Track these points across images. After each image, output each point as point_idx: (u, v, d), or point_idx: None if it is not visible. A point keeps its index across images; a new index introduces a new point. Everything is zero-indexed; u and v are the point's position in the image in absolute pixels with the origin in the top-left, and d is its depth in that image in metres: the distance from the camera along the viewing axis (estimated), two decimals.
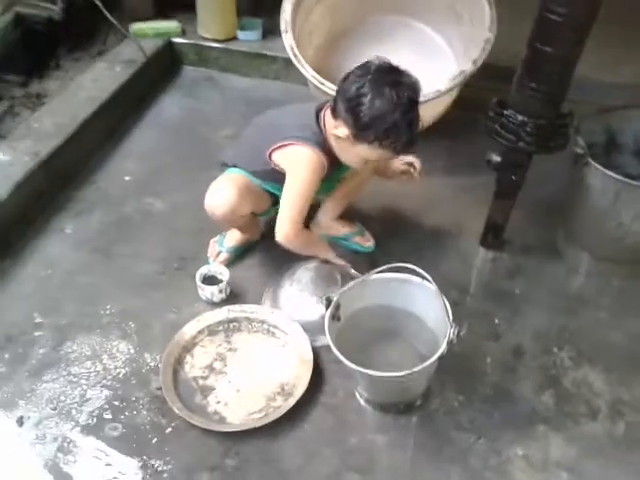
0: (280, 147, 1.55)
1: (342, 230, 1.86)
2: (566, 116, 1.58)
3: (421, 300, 1.45)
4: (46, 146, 1.99)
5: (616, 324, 1.68)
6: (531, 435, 1.42)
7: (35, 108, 2.36)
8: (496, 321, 1.69)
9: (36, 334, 1.60)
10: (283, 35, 2.21)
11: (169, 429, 1.41)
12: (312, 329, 1.57)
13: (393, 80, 1.40)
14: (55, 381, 1.50)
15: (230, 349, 1.59)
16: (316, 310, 1.57)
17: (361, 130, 1.41)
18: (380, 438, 1.41)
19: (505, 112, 1.59)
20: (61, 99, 2.26)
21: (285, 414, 1.42)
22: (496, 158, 1.70)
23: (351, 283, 1.45)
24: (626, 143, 1.87)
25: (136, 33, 2.66)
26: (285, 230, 1.51)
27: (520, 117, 1.56)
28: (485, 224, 1.87)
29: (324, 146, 1.54)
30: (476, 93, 2.15)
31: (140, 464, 1.35)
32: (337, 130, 1.46)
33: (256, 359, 1.57)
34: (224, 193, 1.60)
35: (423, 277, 1.40)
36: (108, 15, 2.58)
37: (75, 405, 1.45)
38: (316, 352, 1.55)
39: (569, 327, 1.67)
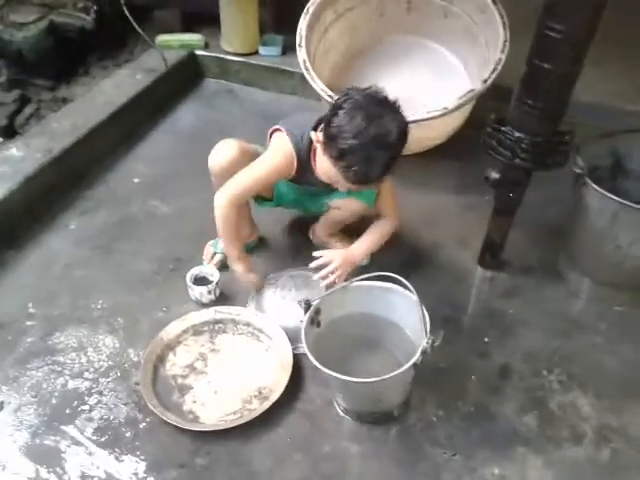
0: (275, 130, 1.63)
1: (336, 246, 1.85)
2: (565, 134, 1.55)
3: (402, 309, 1.43)
4: (59, 144, 2.06)
5: (611, 349, 1.62)
6: (509, 456, 1.38)
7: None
8: (486, 339, 1.65)
9: (27, 323, 1.64)
10: (297, 49, 2.25)
11: (143, 424, 1.42)
12: (294, 336, 1.56)
13: (374, 112, 1.37)
14: (39, 369, 1.53)
15: (213, 350, 1.60)
16: (298, 317, 1.57)
17: (327, 139, 1.42)
18: (354, 447, 1.39)
19: (502, 128, 1.57)
20: (81, 102, 2.34)
21: (260, 418, 1.41)
22: (495, 175, 1.68)
23: (332, 289, 1.44)
24: (634, 169, 1.82)
25: (161, 44, 2.74)
26: (219, 199, 1.57)
27: (517, 134, 1.54)
28: (483, 242, 1.85)
29: (305, 152, 1.57)
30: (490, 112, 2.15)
31: (111, 456, 1.35)
32: (318, 132, 1.48)
33: (237, 361, 1.57)
34: (226, 147, 1.66)
35: (405, 286, 1.39)
36: (136, 26, 2.68)
37: (55, 394, 1.47)
38: (297, 359, 1.55)
39: (562, 350, 1.62)
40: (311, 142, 1.55)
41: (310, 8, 2.31)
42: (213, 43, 2.83)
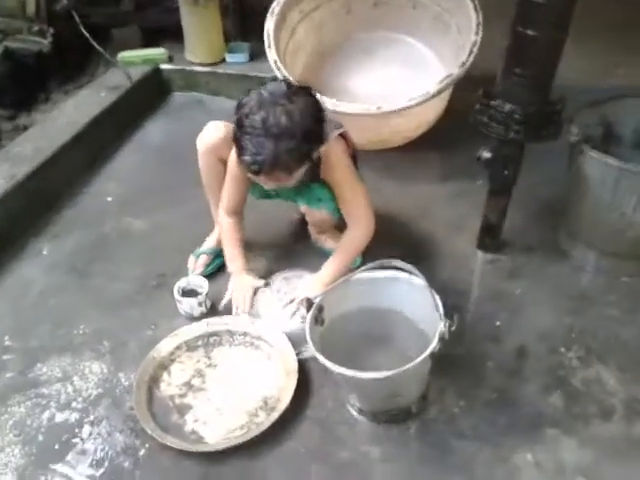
0: None
1: (326, 244, 1.76)
2: (557, 103, 1.50)
3: (409, 299, 1.34)
4: (23, 169, 1.94)
5: (627, 320, 1.55)
6: (540, 440, 1.29)
7: None
8: (497, 323, 1.57)
9: (4, 357, 1.51)
10: (267, 50, 2.18)
11: (142, 451, 1.29)
12: (294, 340, 1.46)
13: (267, 100, 1.31)
14: (21, 405, 1.39)
15: (210, 365, 1.48)
16: (296, 320, 1.49)
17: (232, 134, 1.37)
18: (374, 450, 1.28)
19: (492, 103, 1.51)
20: (42, 125, 2.23)
21: (268, 430, 1.29)
22: (486, 154, 1.62)
23: (335, 283, 1.35)
24: (624, 135, 1.78)
25: (123, 61, 2.65)
26: (220, 216, 1.66)
27: (508, 106, 1.47)
28: (481, 225, 1.77)
29: None
30: (467, 102, 2.11)
31: None
32: None
33: (238, 374, 1.45)
34: (214, 128, 1.63)
35: (410, 272, 1.30)
36: (95, 44, 2.58)
37: (42, 430, 1.34)
38: (302, 364, 1.44)
39: (576, 326, 1.55)
40: None
41: (275, 9, 2.24)
42: (177, 56, 2.75)
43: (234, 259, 1.63)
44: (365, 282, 1.36)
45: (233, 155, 1.53)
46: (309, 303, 1.29)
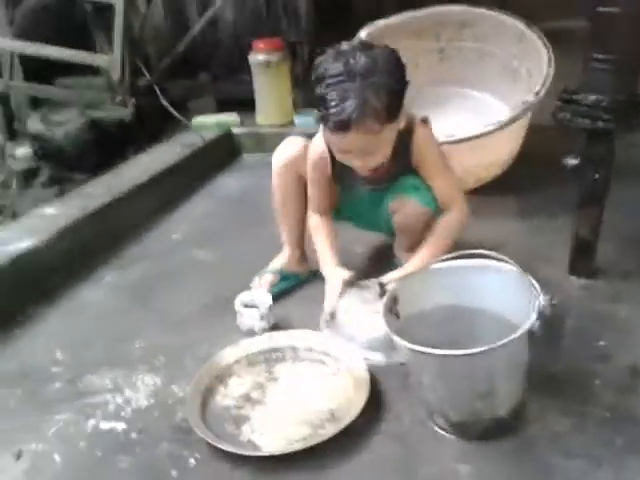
0: None
1: None
2: None
3: (499, 291, 1.18)
4: (95, 203, 1.96)
5: None
6: None
7: None
8: (601, 343, 1.35)
9: (54, 370, 1.41)
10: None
11: (191, 460, 1.13)
12: (372, 346, 1.30)
13: (344, 50, 1.26)
14: (65, 413, 1.27)
15: (271, 379, 1.33)
16: (373, 326, 1.33)
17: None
18: (464, 468, 1.06)
19: (574, 97, 1.42)
20: (118, 171, 2.29)
21: (336, 443, 1.11)
22: (572, 161, 1.50)
23: (411, 271, 1.21)
24: None
25: (197, 125, 2.76)
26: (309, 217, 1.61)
27: (592, 97, 1.38)
28: (572, 245, 1.60)
29: None
30: (541, 148, 2.04)
31: None
32: None
33: (301, 387, 1.29)
34: (291, 145, 1.60)
35: (499, 260, 1.15)
36: (174, 111, 2.72)
37: (85, 437, 1.20)
38: (376, 376, 1.27)
39: None
40: None
41: None
42: (248, 121, 2.85)
43: (326, 257, 1.54)
44: (447, 273, 1.22)
45: (311, 156, 1.51)
46: (382, 289, 1.15)
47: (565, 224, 1.63)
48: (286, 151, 1.59)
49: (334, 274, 1.49)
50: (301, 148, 1.56)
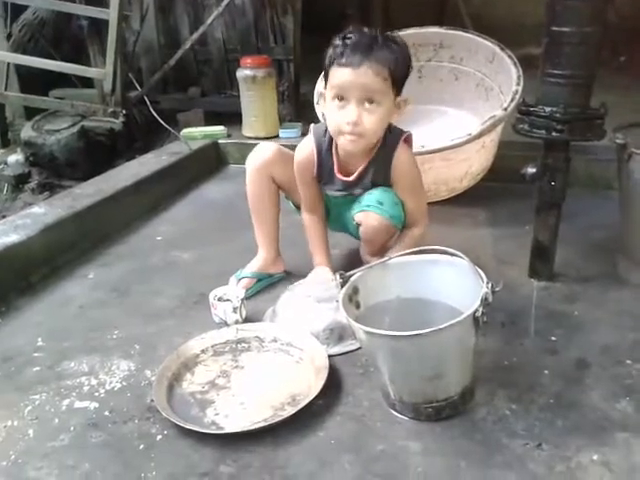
0: None
1: None
2: (599, 108, 1.49)
3: (452, 283, 1.25)
4: (81, 203, 2.04)
5: None
6: (608, 442, 1.11)
7: None
8: (553, 338, 1.44)
9: (35, 355, 1.48)
10: (316, 107, 2.30)
11: (159, 437, 1.19)
12: (317, 339, 1.40)
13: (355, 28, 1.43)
14: (43, 394, 1.33)
15: (236, 367, 1.40)
16: (323, 318, 1.43)
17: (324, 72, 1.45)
18: (414, 445, 1.13)
19: (532, 109, 1.52)
20: (107, 175, 2.37)
21: (296, 424, 1.18)
22: (531, 169, 1.59)
23: (370, 264, 1.29)
24: None
25: (185, 136, 2.85)
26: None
27: (548, 109, 1.48)
28: (531, 248, 1.69)
29: (326, 144, 1.57)
30: (510, 163, 2.15)
31: (120, 470, 1.11)
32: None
33: (265, 374, 1.36)
34: (263, 149, 1.68)
35: (452, 254, 1.24)
36: (163, 122, 2.82)
37: (59, 414, 1.27)
38: (336, 364, 1.35)
39: None
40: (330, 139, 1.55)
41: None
42: (235, 134, 2.95)
43: (315, 253, 1.68)
44: (403, 267, 1.30)
45: (298, 158, 1.60)
46: (343, 278, 1.23)
47: (530, 233, 1.71)
48: (258, 155, 1.67)
49: (318, 274, 1.60)
50: (273, 152, 1.65)
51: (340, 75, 1.40)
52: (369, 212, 1.54)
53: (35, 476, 1.11)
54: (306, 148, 1.58)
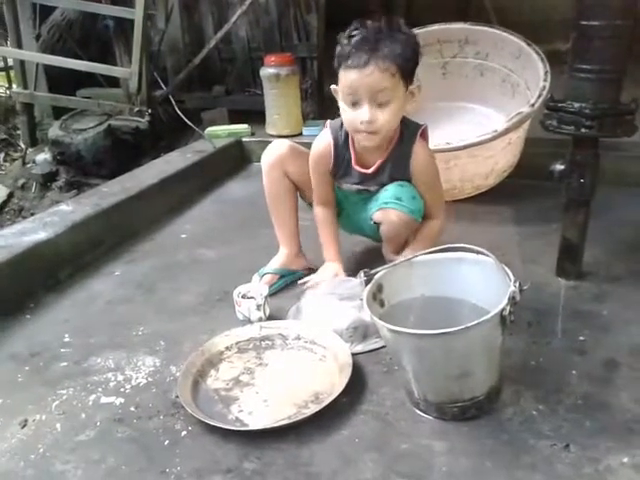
0: None
1: None
2: (629, 103, 1.45)
3: (477, 282, 1.24)
4: (108, 201, 2.07)
5: None
6: (638, 445, 1.08)
7: None
8: (581, 338, 1.41)
9: (62, 350, 1.50)
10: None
11: (184, 432, 1.20)
12: (341, 337, 1.40)
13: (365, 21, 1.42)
14: (70, 389, 1.35)
15: (260, 364, 1.40)
16: (347, 316, 1.43)
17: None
18: (438, 444, 1.12)
19: (560, 105, 1.49)
20: (133, 173, 2.40)
21: (320, 422, 1.18)
22: (559, 166, 1.57)
23: (394, 262, 1.28)
24: None
25: (210, 134, 2.87)
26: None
27: (577, 104, 1.45)
28: (559, 247, 1.66)
29: (343, 139, 1.58)
30: (537, 160, 2.12)
31: (145, 465, 1.12)
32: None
33: (289, 371, 1.36)
34: (277, 146, 1.69)
35: (477, 252, 1.22)
36: (187, 121, 2.84)
37: (86, 409, 1.28)
38: (359, 363, 1.34)
39: None
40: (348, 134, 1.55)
41: None
42: (259, 132, 2.96)
43: (325, 248, 1.68)
44: (429, 265, 1.29)
45: (315, 150, 1.62)
46: (367, 276, 1.22)
47: (557, 231, 1.68)
48: (272, 152, 1.69)
49: (328, 268, 1.58)
50: (287, 148, 1.67)
51: (348, 77, 1.40)
52: (388, 209, 1.54)
53: (62, 470, 1.12)
54: (323, 141, 1.60)
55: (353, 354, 1.35)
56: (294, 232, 1.74)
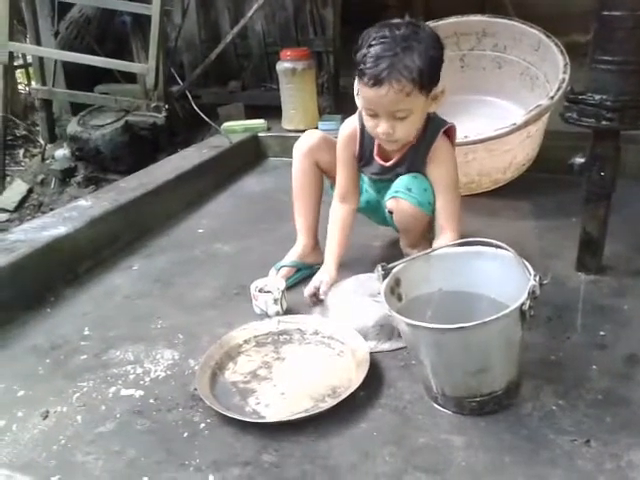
0: None
1: None
2: None
3: (496, 276, 1.23)
4: (126, 196, 2.08)
5: None
6: None
7: None
8: (601, 333, 1.39)
9: (82, 343, 1.52)
10: (356, 98, 2.28)
11: (202, 425, 1.21)
12: (367, 335, 1.39)
13: (386, 24, 1.39)
14: (90, 381, 1.37)
15: (278, 358, 1.40)
16: (373, 313, 1.41)
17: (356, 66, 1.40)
18: (457, 439, 1.11)
19: (581, 97, 1.47)
20: (150, 169, 2.41)
21: (338, 415, 1.18)
22: (580, 160, 1.55)
23: (412, 256, 1.27)
24: None
25: (226, 129, 2.88)
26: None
27: (597, 96, 1.43)
28: (579, 241, 1.64)
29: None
30: (556, 153, 2.10)
31: (164, 457, 1.13)
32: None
33: (306, 366, 1.37)
34: (310, 133, 1.74)
35: (496, 246, 1.21)
36: (204, 116, 2.86)
37: (106, 402, 1.30)
38: (377, 357, 1.34)
39: None
40: None
41: None
42: (275, 127, 2.96)
43: (326, 252, 1.65)
44: (447, 259, 1.28)
45: (342, 134, 1.62)
46: (385, 270, 1.22)
47: (576, 225, 1.67)
48: (304, 141, 1.72)
49: (324, 270, 1.60)
50: (318, 138, 1.70)
51: (365, 93, 1.40)
52: (398, 198, 1.54)
53: (83, 460, 1.14)
54: (351, 125, 1.60)
55: (380, 352, 1.35)
56: (314, 223, 1.75)
